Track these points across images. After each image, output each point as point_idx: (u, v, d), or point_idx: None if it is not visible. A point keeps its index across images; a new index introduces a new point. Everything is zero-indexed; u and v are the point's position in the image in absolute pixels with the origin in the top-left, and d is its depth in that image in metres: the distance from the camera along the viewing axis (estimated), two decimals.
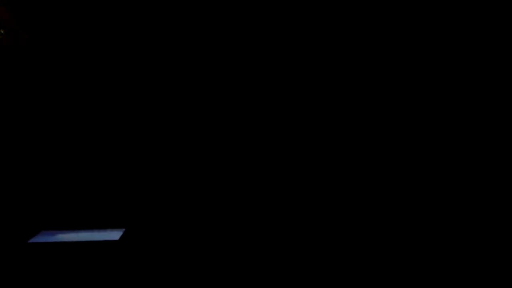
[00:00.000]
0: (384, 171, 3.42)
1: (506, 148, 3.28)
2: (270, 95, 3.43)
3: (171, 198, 3.34)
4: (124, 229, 3.05)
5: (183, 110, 3.39)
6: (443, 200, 3.35)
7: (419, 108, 3.42)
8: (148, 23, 3.30)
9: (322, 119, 3.45)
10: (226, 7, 3.34)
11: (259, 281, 2.99)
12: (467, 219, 3.27)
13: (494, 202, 3.27)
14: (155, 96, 3.38)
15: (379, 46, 3.41)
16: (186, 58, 3.39)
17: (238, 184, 3.37)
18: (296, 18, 3.39)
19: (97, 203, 3.27)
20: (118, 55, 3.34)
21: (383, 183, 3.41)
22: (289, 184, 3.42)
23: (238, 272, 3.03)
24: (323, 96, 3.44)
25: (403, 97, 3.43)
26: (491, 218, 3.24)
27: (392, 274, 2.98)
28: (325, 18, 3.39)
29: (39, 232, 3.07)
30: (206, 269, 3.00)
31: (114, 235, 2.95)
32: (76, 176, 3.31)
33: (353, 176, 3.43)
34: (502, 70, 3.32)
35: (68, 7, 3.17)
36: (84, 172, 3.31)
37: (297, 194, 3.41)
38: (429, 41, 3.39)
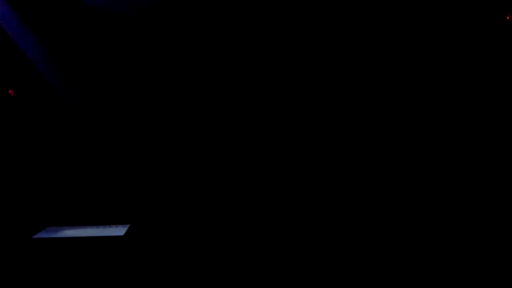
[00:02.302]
0: (383, 171, 3.44)
1: (506, 148, 3.31)
2: (270, 96, 3.45)
3: (175, 194, 3.35)
4: (129, 225, 3.06)
5: (185, 108, 3.40)
6: (443, 199, 3.37)
7: (418, 108, 3.45)
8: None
9: (322, 119, 3.46)
10: (226, 7, 3.36)
11: (260, 278, 3.00)
12: (467, 219, 3.29)
13: (494, 202, 3.29)
14: (157, 95, 3.39)
15: (378, 47, 3.44)
16: (186, 58, 3.41)
17: (241, 181, 3.38)
18: (296, 19, 3.41)
19: (102, 200, 3.28)
20: (119, 54, 3.37)
21: (382, 183, 3.43)
22: (290, 182, 3.43)
23: (240, 268, 3.04)
24: (322, 96, 3.46)
25: (401, 98, 3.45)
26: (490, 218, 3.26)
27: (392, 274, 3.00)
28: (325, 18, 3.42)
29: (44, 228, 3.08)
30: (209, 264, 3.02)
31: (119, 231, 2.97)
32: (82, 173, 3.32)
33: (352, 176, 3.44)
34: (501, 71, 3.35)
35: None
36: (89, 169, 3.32)
37: (298, 193, 3.42)
38: (428, 41, 3.43)
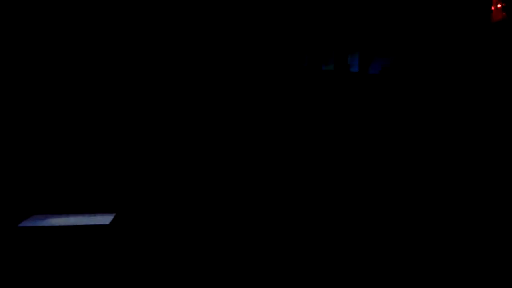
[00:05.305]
0: (383, 171, 3.41)
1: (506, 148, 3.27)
2: (269, 95, 3.44)
3: (161, 182, 3.33)
4: (114, 214, 3.04)
5: (169, 96, 3.39)
6: (443, 200, 3.33)
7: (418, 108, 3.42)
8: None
9: (322, 119, 3.45)
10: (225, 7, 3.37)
11: (256, 276, 2.96)
12: (467, 219, 3.25)
13: (494, 202, 3.24)
14: (137, 81, 3.37)
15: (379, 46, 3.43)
16: (186, 58, 3.41)
17: (231, 170, 3.36)
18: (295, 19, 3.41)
19: (88, 188, 3.27)
20: (116, 53, 3.37)
21: (382, 183, 3.40)
22: (286, 182, 3.40)
23: (230, 260, 3.00)
24: (322, 96, 3.45)
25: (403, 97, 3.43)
26: (490, 218, 3.21)
27: (392, 274, 2.95)
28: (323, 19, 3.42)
29: (29, 216, 3.07)
30: (196, 253, 2.98)
31: (105, 219, 2.94)
32: (67, 161, 3.30)
33: (352, 176, 3.41)
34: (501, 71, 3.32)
35: None
36: (74, 157, 3.31)
37: (296, 193, 3.39)
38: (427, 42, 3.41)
